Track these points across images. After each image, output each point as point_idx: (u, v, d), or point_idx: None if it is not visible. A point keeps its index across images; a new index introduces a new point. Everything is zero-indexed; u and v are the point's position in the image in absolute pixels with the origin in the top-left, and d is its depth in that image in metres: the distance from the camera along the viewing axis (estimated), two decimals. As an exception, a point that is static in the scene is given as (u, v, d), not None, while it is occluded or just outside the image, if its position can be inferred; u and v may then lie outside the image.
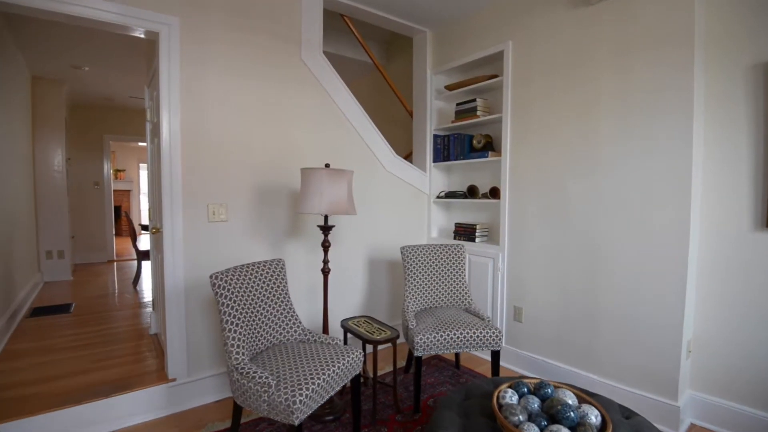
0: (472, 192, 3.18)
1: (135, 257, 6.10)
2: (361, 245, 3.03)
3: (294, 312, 2.09)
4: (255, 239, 2.50)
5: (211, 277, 1.75)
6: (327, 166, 2.19)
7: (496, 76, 2.92)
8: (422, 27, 3.33)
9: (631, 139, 2.17)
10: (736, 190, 1.98)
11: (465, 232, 3.17)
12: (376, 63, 3.62)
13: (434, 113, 3.42)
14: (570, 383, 2.46)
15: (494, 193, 2.96)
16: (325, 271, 2.28)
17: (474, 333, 2.24)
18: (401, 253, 2.68)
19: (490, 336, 2.25)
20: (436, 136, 3.40)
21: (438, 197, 3.42)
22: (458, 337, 2.23)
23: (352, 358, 1.86)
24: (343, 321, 2.43)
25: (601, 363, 2.34)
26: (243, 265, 1.95)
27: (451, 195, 3.31)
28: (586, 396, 1.45)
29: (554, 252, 2.56)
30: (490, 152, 2.95)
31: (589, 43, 2.33)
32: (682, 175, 1.99)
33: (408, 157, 3.73)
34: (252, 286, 1.91)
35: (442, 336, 2.21)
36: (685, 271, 2.00)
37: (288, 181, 2.62)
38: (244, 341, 1.75)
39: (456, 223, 3.25)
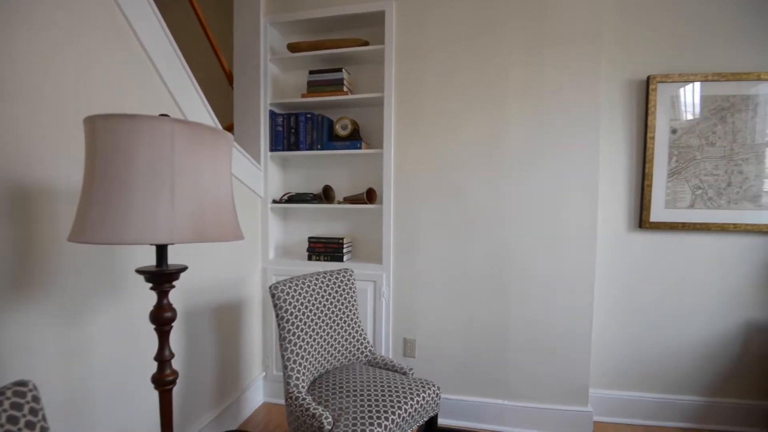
0: (327, 195, 2.35)
1: None
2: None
3: None
4: None
5: None
6: (165, 116, 0.89)
7: (366, 44, 2.23)
8: (254, -54, 2.22)
9: (542, 137, 1.99)
10: (616, 195, 2.12)
11: (326, 250, 2.30)
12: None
13: (269, 81, 2.36)
14: (479, 415, 2.09)
15: (371, 196, 2.26)
16: (166, 383, 0.92)
17: (413, 404, 1.49)
18: (272, 295, 1.56)
19: (431, 398, 1.57)
20: (274, 115, 2.35)
21: (277, 201, 2.38)
22: (400, 420, 1.42)
23: None
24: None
25: (512, 385, 2.08)
26: None
27: (298, 199, 2.36)
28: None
29: (456, 268, 2.12)
30: (362, 143, 2.23)
31: (498, 15, 2.01)
32: (591, 179, 1.96)
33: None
34: None
35: (383, 430, 1.34)
36: (593, 276, 1.98)
37: (4, 158, 1.02)
38: None
39: (310, 238, 2.33)
